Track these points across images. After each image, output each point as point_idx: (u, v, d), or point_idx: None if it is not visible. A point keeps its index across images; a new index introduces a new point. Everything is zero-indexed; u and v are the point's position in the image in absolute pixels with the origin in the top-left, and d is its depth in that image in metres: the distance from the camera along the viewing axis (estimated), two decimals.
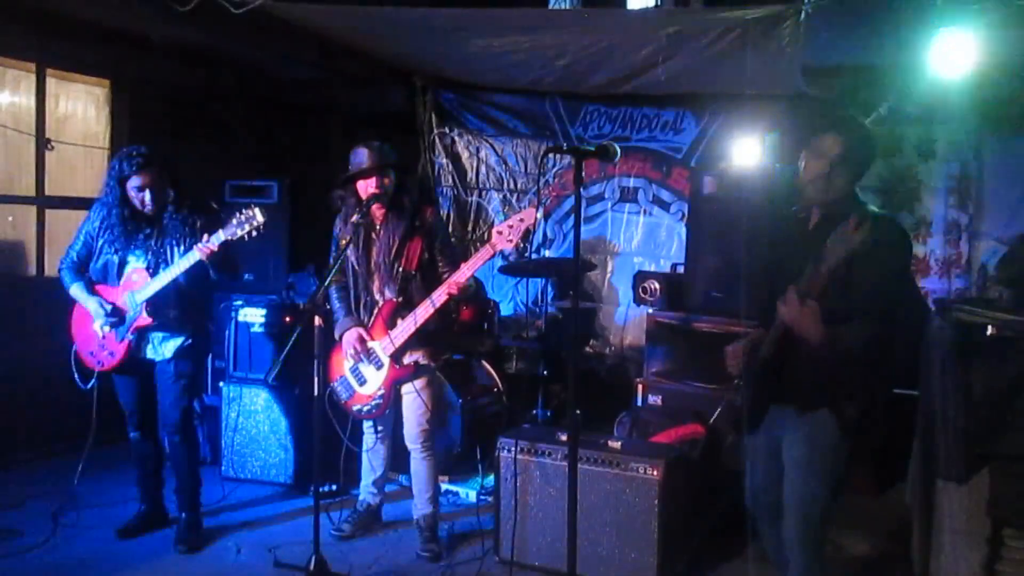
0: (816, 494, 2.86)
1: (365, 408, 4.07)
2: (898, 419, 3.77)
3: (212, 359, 5.31)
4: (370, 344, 4.01)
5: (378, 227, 4.04)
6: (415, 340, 3.97)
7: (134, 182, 3.88)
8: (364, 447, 4.31)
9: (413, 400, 4.08)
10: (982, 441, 2.97)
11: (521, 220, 3.68)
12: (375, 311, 4.03)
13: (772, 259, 3.09)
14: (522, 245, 3.81)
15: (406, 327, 3.91)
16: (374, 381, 4.03)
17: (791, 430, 2.90)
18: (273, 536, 4.26)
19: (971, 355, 3.02)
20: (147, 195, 3.89)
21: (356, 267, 4.07)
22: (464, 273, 3.83)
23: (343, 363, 4.09)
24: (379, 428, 4.26)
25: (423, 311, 3.87)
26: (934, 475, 3.18)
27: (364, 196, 3.97)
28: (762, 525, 3.12)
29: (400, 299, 3.99)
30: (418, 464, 4.16)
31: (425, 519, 4.17)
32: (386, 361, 3.99)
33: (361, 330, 4.02)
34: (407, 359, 4.02)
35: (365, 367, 4.04)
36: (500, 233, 3.72)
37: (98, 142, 5.95)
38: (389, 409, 4.11)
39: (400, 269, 3.98)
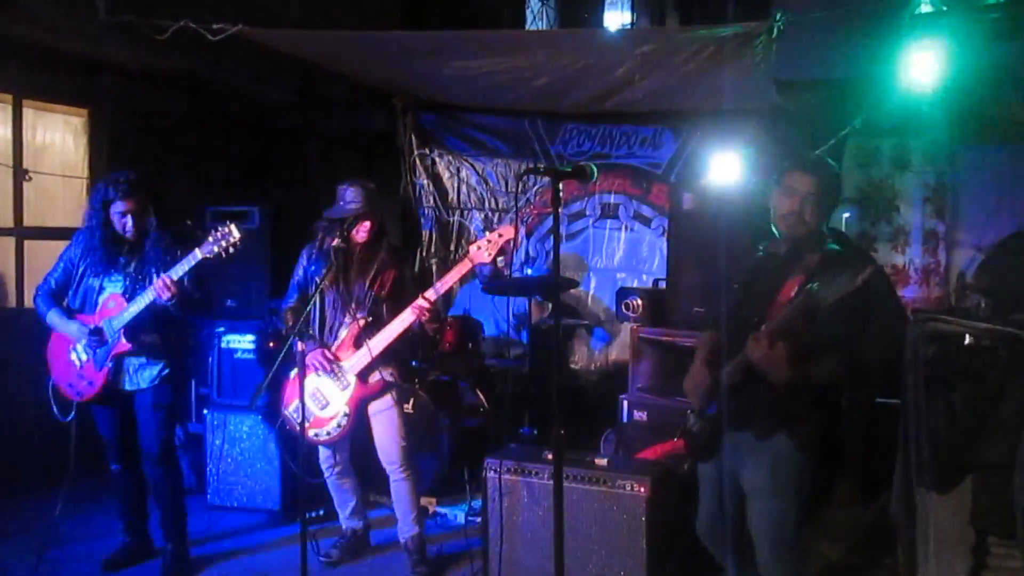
0: (785, 517, 2.85)
1: (324, 432, 4.03)
2: (881, 429, 3.80)
3: (196, 386, 5.30)
4: (335, 365, 4.01)
5: (355, 255, 4.06)
6: (383, 358, 4.00)
7: (117, 207, 3.86)
8: (328, 484, 4.27)
9: (385, 419, 4.08)
10: (964, 451, 2.98)
11: (500, 235, 3.81)
12: (344, 333, 4.04)
13: (741, 286, 3.10)
14: (501, 261, 3.86)
15: (374, 345, 3.94)
16: (337, 402, 4.01)
17: (750, 457, 2.90)
18: (261, 564, 4.22)
19: (950, 365, 3.04)
20: (129, 220, 3.87)
21: (335, 291, 4.08)
22: (440, 286, 3.94)
23: (296, 390, 4.06)
24: (336, 460, 4.21)
25: (392, 329, 3.93)
26: (917, 485, 3.19)
27: (352, 233, 4.02)
28: (717, 554, 3.13)
29: (370, 318, 4.02)
30: (399, 486, 4.13)
31: (412, 540, 4.14)
32: (352, 380, 3.99)
33: (324, 349, 4.02)
34: (374, 377, 4.03)
35: (327, 388, 4.02)
36: (479, 248, 3.85)
37: (76, 171, 5.92)
38: (347, 435, 4.08)
39: (372, 294, 4.03)
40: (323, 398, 4.03)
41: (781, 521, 2.85)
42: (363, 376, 4.00)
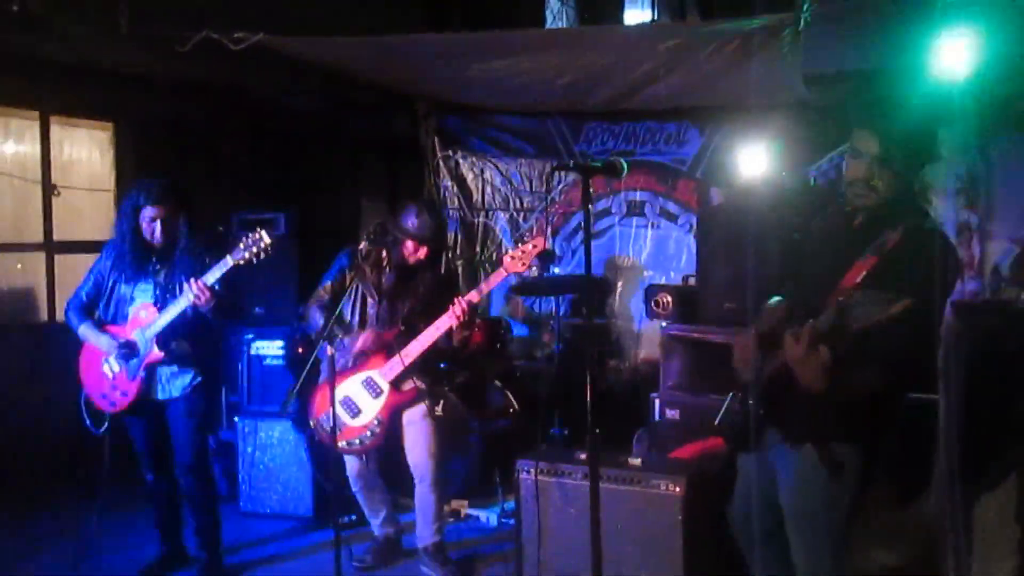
0: (823, 553, 2.63)
1: (356, 441, 4.01)
2: (918, 426, 3.72)
3: (226, 393, 5.32)
4: (368, 373, 4.00)
5: (408, 274, 4.10)
6: (416, 366, 4.00)
7: (147, 212, 3.87)
8: (357, 496, 4.27)
9: (417, 430, 4.07)
10: (1008, 446, 2.92)
11: (533, 246, 3.84)
12: (374, 341, 4.04)
13: (803, 254, 2.81)
14: (536, 270, 3.87)
15: (409, 351, 3.94)
16: (370, 410, 3.99)
17: (783, 465, 2.68)
18: (294, 571, 4.24)
19: (993, 359, 2.97)
20: (158, 227, 3.88)
21: (375, 299, 4.09)
22: (475, 295, 3.94)
23: (328, 398, 4.05)
24: (364, 472, 4.19)
25: (427, 336, 3.93)
26: (961, 483, 3.13)
27: (406, 254, 4.05)
28: (750, 546, 2.93)
29: (403, 327, 4.03)
30: (425, 495, 4.11)
31: (432, 547, 4.12)
32: (386, 388, 3.98)
33: (374, 331, 4.04)
34: (407, 385, 4.02)
35: (360, 396, 4.01)
36: (513, 259, 3.87)
37: (104, 185, 5.99)
38: (380, 444, 4.06)
39: (408, 308, 4.06)
40: (355, 406, 4.01)
41: (816, 555, 2.65)
42: (396, 384, 3.99)
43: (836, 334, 2.30)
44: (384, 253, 4.09)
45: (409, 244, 4.05)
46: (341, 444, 3.97)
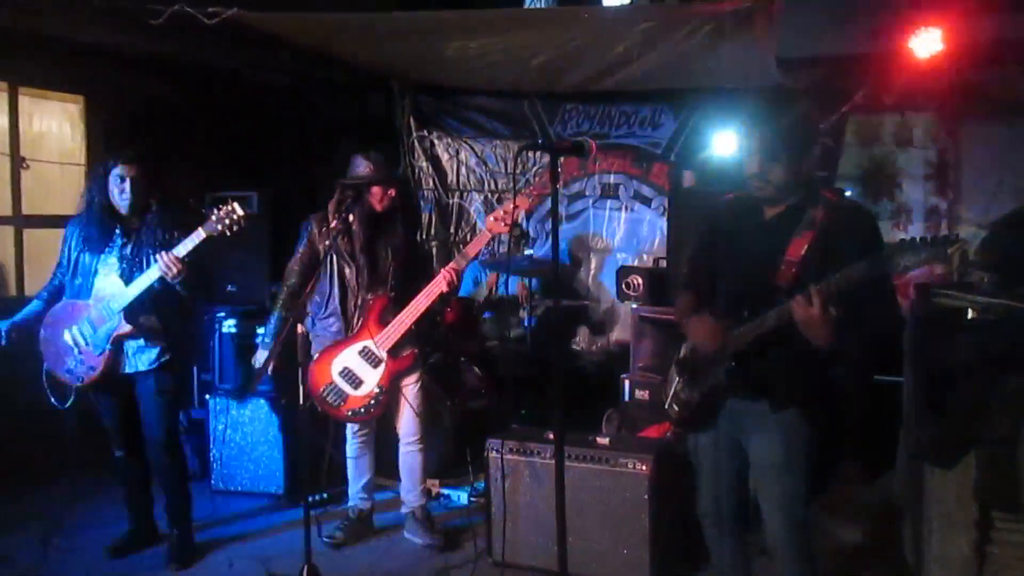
0: (799, 493, 2.78)
1: (362, 409, 4.05)
2: (884, 407, 3.79)
3: (197, 372, 5.30)
4: (363, 343, 4.02)
5: (377, 225, 4.08)
6: (411, 333, 4.04)
7: (117, 171, 3.82)
8: (349, 454, 4.31)
9: (409, 391, 4.14)
10: (966, 425, 2.98)
11: (515, 206, 3.88)
12: (367, 309, 4.05)
13: (730, 249, 2.92)
14: (517, 231, 3.89)
15: (403, 319, 3.97)
16: (371, 380, 4.02)
17: (759, 431, 2.80)
18: (265, 548, 4.23)
19: (953, 339, 3.03)
20: (127, 186, 3.82)
21: (355, 265, 4.07)
22: (461, 260, 3.98)
23: (327, 370, 4.06)
24: (363, 433, 4.25)
25: (419, 302, 3.96)
26: (920, 461, 3.19)
27: (374, 203, 4.04)
28: (717, 534, 2.99)
29: (392, 294, 4.04)
30: (413, 457, 4.19)
31: (420, 510, 4.22)
32: (383, 356, 4.00)
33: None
34: (404, 351, 4.06)
35: (359, 367, 4.02)
36: (495, 219, 3.89)
37: (74, 159, 5.91)
38: (383, 411, 4.11)
39: (394, 267, 4.06)
40: (355, 377, 4.03)
41: (794, 497, 2.78)
42: (394, 352, 4.02)
43: (845, 292, 2.47)
44: (350, 217, 4.03)
45: (376, 190, 4.03)
46: (346, 413, 4.03)
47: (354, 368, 4.03)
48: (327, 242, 4.05)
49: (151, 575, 3.95)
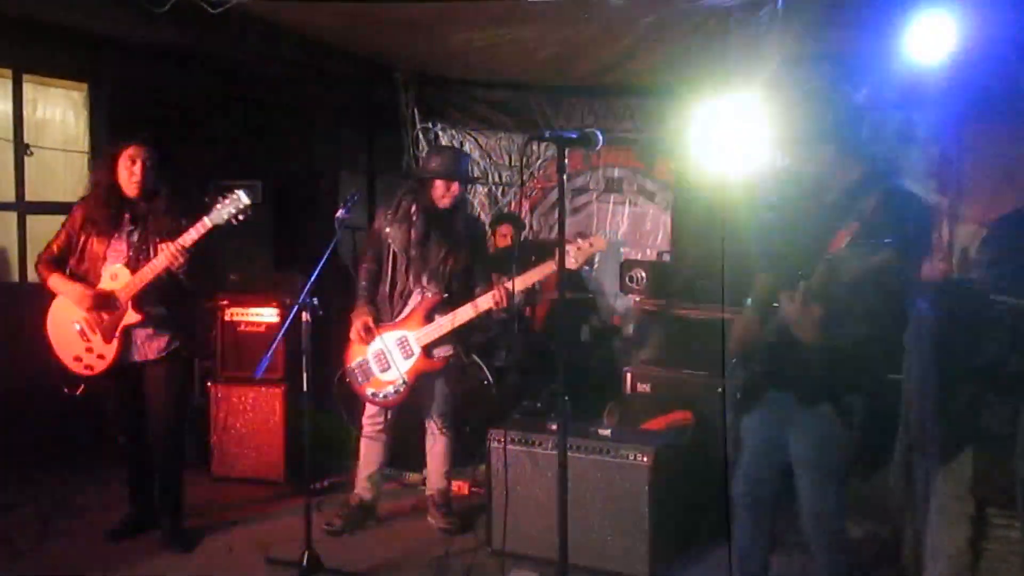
0: (829, 491, 2.84)
1: (381, 394, 4.11)
2: (882, 403, 3.79)
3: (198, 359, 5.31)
4: (404, 332, 4.07)
5: (436, 222, 4.11)
6: (449, 335, 4.08)
7: (128, 151, 3.84)
8: (364, 431, 4.33)
9: (441, 380, 4.21)
10: (964, 421, 3.00)
11: (591, 244, 3.84)
12: (416, 302, 4.09)
13: (775, 230, 2.98)
14: (586, 269, 3.90)
15: (444, 323, 4.03)
16: (399, 369, 4.07)
17: (796, 425, 2.85)
18: (265, 534, 4.25)
19: (951, 336, 3.04)
20: (137, 168, 3.83)
21: (406, 256, 4.11)
22: (518, 283, 3.98)
23: (364, 348, 4.11)
24: (377, 421, 4.27)
25: (465, 312, 4.01)
26: (918, 457, 3.21)
27: (436, 198, 4.06)
28: (747, 516, 3.04)
29: (445, 295, 4.09)
30: (439, 441, 4.28)
31: (440, 493, 4.30)
32: (417, 351, 4.05)
33: (369, 320, 4.10)
34: (438, 353, 4.10)
35: (393, 353, 4.08)
36: (567, 254, 3.80)
37: (77, 146, 5.91)
38: (403, 402, 4.15)
39: (449, 268, 4.08)
40: (386, 361, 4.10)
41: (824, 495, 2.83)
42: (427, 351, 4.06)
43: (826, 290, 2.54)
44: (413, 207, 4.09)
45: (439, 185, 4.05)
46: (368, 392, 4.11)
47: (388, 353, 4.09)
48: (387, 229, 4.13)
49: (150, 559, 3.97)
